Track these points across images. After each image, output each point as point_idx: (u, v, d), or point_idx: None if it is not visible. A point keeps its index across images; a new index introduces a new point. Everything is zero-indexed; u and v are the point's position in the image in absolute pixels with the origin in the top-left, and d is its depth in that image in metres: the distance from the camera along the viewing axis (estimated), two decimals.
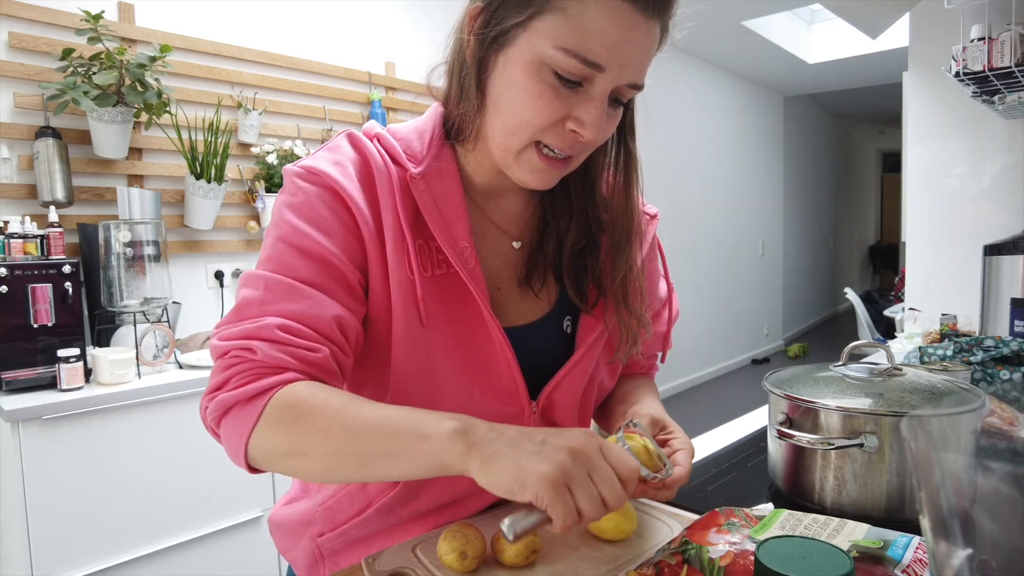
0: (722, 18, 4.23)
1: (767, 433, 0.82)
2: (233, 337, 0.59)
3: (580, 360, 0.74)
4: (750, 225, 6.11)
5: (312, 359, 0.59)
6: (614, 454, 0.52)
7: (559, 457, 0.48)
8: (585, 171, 0.73)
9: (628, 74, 0.60)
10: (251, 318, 0.60)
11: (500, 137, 0.63)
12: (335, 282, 0.63)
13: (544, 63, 0.58)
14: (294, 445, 0.56)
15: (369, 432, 0.54)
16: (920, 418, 0.65)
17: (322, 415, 0.55)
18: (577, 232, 0.75)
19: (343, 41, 2.69)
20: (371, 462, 0.54)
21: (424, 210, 0.65)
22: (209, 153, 2.15)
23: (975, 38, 1.55)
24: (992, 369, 1.22)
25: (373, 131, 0.70)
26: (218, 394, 0.59)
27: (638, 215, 0.74)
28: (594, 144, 0.64)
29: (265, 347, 0.58)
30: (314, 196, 0.64)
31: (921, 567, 0.48)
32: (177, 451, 1.70)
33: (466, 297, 0.67)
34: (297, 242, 0.62)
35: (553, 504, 0.47)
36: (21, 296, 1.60)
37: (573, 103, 0.60)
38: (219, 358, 0.60)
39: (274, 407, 0.57)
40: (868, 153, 9.88)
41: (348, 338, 0.63)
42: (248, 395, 0.58)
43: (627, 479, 0.51)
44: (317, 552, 0.75)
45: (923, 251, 2.32)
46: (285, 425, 0.56)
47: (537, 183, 0.65)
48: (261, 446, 0.57)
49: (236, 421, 0.58)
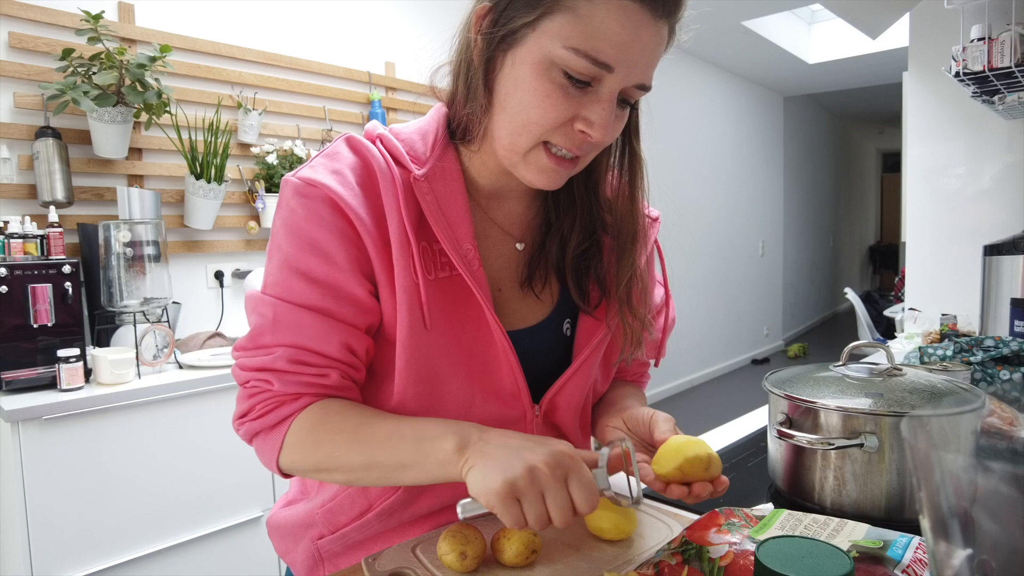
0: (722, 18, 4.23)
1: (767, 433, 0.82)
2: (251, 368, 0.65)
3: (584, 364, 0.74)
4: (750, 225, 6.11)
5: (324, 383, 0.64)
6: (578, 484, 0.53)
7: (515, 473, 0.52)
8: (588, 172, 0.72)
9: (636, 75, 0.60)
10: (265, 348, 0.64)
11: (507, 137, 0.63)
12: (341, 302, 0.64)
13: (553, 63, 0.58)
14: (319, 464, 0.63)
15: (382, 450, 0.61)
16: (920, 418, 0.65)
17: (337, 438, 0.62)
18: (580, 233, 0.74)
19: (343, 41, 2.69)
20: (390, 473, 0.61)
21: (427, 212, 0.65)
22: (209, 153, 2.15)
23: (975, 38, 1.54)
24: (992, 369, 1.22)
25: (375, 132, 0.69)
26: (245, 421, 0.66)
27: (643, 217, 0.74)
28: (602, 145, 0.64)
29: (279, 379, 0.64)
30: (313, 211, 0.63)
31: (921, 567, 0.48)
32: (177, 451, 1.70)
33: (469, 300, 0.67)
34: (302, 267, 0.63)
35: (502, 514, 0.52)
36: (21, 296, 1.60)
37: (582, 103, 0.60)
38: (242, 385, 0.67)
39: (294, 433, 0.64)
40: (868, 153, 9.88)
41: (358, 355, 0.66)
42: (270, 424, 0.65)
43: (581, 511, 0.54)
44: (317, 555, 0.74)
45: (923, 251, 2.32)
46: (306, 449, 0.63)
47: (545, 183, 0.65)
48: (290, 465, 0.65)
49: (264, 445, 0.66)
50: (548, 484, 0.52)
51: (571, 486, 0.53)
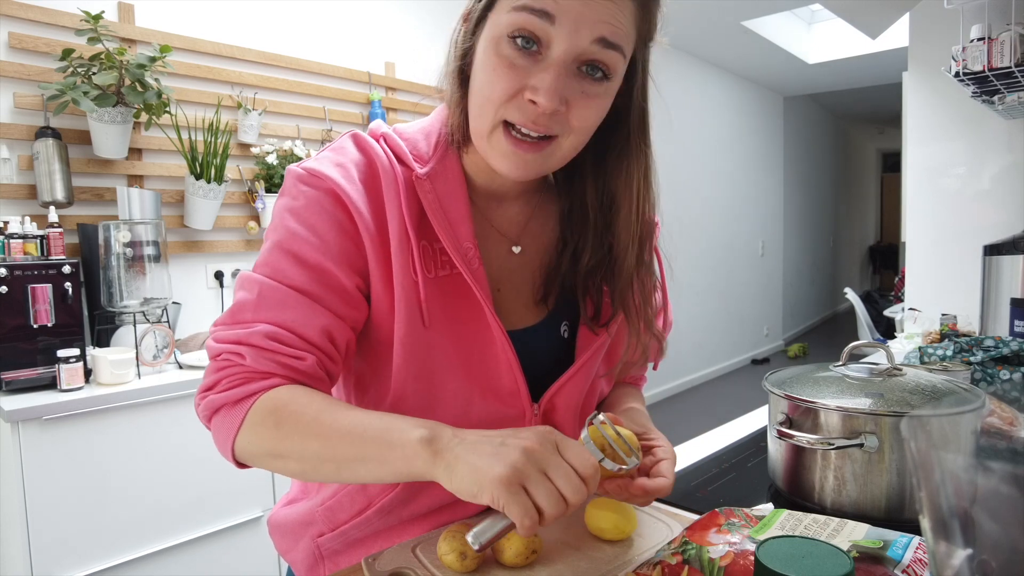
0: (722, 18, 4.23)
1: (767, 433, 0.82)
2: (226, 340, 0.62)
3: (584, 365, 0.74)
4: (750, 225, 6.11)
5: (297, 366, 0.61)
6: (572, 450, 0.52)
7: (512, 457, 0.49)
8: (605, 188, 0.71)
9: (587, 29, 0.57)
10: (244, 323, 0.62)
11: (473, 122, 0.64)
12: (329, 289, 0.63)
13: (502, 35, 0.59)
14: (274, 448, 0.59)
15: (343, 439, 0.56)
16: (920, 418, 0.65)
17: (299, 421, 0.58)
18: (592, 250, 0.73)
19: (343, 41, 2.69)
20: (346, 466, 0.57)
21: (429, 211, 0.66)
22: (209, 153, 2.15)
23: (975, 38, 1.55)
24: (992, 369, 1.22)
25: (379, 131, 0.70)
26: (209, 394, 0.62)
27: (649, 225, 0.73)
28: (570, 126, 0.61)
29: (253, 354, 0.61)
30: (314, 200, 0.64)
31: (921, 567, 0.48)
32: (177, 451, 1.70)
33: (469, 298, 0.67)
34: (294, 248, 0.63)
35: (509, 504, 0.48)
36: (21, 296, 1.60)
37: (531, 72, 0.59)
38: (212, 359, 0.63)
39: (256, 412, 0.59)
40: (868, 153, 9.88)
41: (337, 346, 0.64)
42: (234, 399, 0.61)
43: (586, 474, 0.51)
44: (317, 553, 0.75)
45: (923, 251, 2.32)
46: (265, 430, 0.59)
47: (510, 169, 0.63)
48: (246, 447, 0.60)
49: (224, 422, 0.61)
50: (546, 459, 0.50)
51: (566, 455, 0.52)
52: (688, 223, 5.06)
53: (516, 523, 0.49)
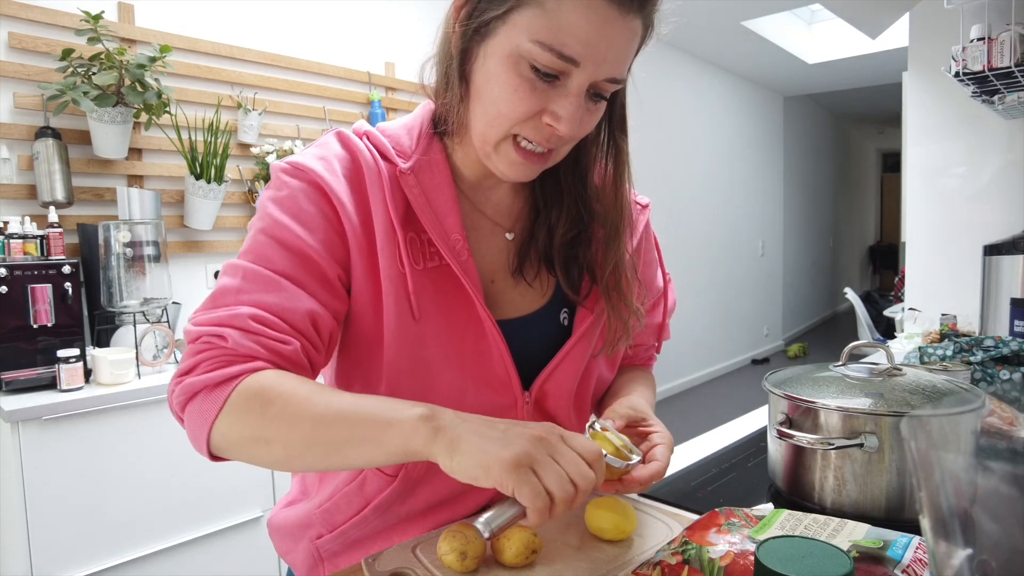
0: (722, 18, 4.23)
1: (767, 433, 0.82)
2: (206, 323, 0.60)
3: (572, 349, 0.74)
4: (750, 225, 6.11)
5: (282, 351, 0.60)
6: (576, 439, 0.53)
7: (521, 442, 0.50)
8: (576, 161, 0.73)
9: (605, 69, 0.60)
10: (226, 306, 0.60)
11: (479, 128, 0.64)
12: (312, 276, 0.63)
13: (522, 56, 0.59)
14: (259, 432, 0.56)
15: (336, 419, 0.54)
16: (920, 418, 0.65)
17: (289, 402, 0.55)
18: (568, 222, 0.75)
19: (343, 41, 2.69)
20: (337, 449, 0.54)
21: (415, 204, 0.66)
22: (209, 153, 2.15)
23: (975, 38, 1.54)
24: (992, 369, 1.22)
25: (362, 129, 0.71)
26: (186, 378, 0.59)
27: (628, 207, 0.75)
28: (572, 138, 0.64)
29: (236, 335, 0.58)
30: (298, 191, 0.64)
31: (921, 567, 0.48)
32: (177, 451, 1.69)
33: (458, 289, 0.68)
34: (277, 235, 0.63)
35: (519, 485, 0.48)
36: (21, 296, 1.60)
37: (550, 97, 0.60)
38: (191, 343, 0.60)
39: (240, 394, 0.56)
40: (868, 153, 9.88)
41: (320, 334, 0.63)
42: (215, 381, 0.57)
43: (592, 461, 0.52)
44: (316, 554, 0.75)
45: (923, 251, 2.32)
46: (250, 412, 0.56)
47: (515, 176, 0.66)
48: (225, 433, 0.57)
49: (201, 406, 0.58)
50: (553, 445, 0.51)
51: (571, 444, 0.52)
52: (688, 223, 5.06)
53: (528, 505, 0.48)
